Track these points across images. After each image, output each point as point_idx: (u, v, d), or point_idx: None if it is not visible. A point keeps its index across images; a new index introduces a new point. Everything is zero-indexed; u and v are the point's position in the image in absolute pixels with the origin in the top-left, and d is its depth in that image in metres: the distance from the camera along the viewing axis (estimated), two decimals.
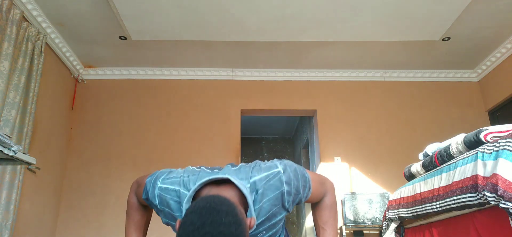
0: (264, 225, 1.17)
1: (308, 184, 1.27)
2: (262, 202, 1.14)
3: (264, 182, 1.15)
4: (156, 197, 1.22)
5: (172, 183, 1.21)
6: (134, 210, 1.40)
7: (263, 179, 1.15)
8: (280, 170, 1.18)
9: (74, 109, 4.40)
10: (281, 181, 1.16)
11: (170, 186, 1.20)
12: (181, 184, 1.19)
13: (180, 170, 1.27)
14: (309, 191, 1.28)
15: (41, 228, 3.69)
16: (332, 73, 4.63)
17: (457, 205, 1.74)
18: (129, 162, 4.24)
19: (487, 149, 1.58)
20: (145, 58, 4.35)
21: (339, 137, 4.41)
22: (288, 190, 1.17)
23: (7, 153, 1.77)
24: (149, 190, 1.25)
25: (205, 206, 0.90)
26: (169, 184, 1.21)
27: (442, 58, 4.37)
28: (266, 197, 1.14)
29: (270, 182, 1.15)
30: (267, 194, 1.14)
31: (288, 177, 1.18)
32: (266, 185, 1.15)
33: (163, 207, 1.22)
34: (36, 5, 3.40)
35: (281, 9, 3.44)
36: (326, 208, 1.36)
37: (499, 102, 4.23)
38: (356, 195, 3.94)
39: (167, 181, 1.22)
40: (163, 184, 1.22)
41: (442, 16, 3.56)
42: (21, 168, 3.15)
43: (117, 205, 4.05)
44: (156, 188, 1.22)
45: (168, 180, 1.22)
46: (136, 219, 1.40)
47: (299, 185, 1.22)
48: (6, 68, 2.96)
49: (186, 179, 1.20)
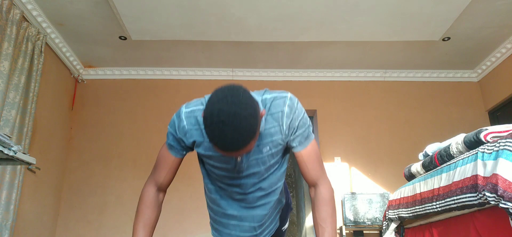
0: (268, 139, 1.30)
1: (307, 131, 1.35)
2: (267, 115, 1.29)
3: (271, 100, 1.30)
4: (185, 120, 1.32)
5: (195, 104, 1.34)
6: (145, 206, 1.41)
7: (272, 97, 1.30)
8: (287, 95, 1.32)
9: (74, 109, 4.39)
10: (285, 103, 1.29)
11: (194, 107, 1.33)
12: (203, 102, 1.32)
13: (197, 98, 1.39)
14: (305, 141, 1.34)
15: (41, 228, 3.69)
16: (332, 73, 4.63)
17: (457, 205, 1.74)
18: (129, 162, 4.24)
19: (487, 149, 1.58)
20: (145, 58, 4.35)
21: (339, 137, 4.41)
22: (287, 112, 1.28)
23: (7, 153, 1.77)
24: (176, 121, 1.34)
25: (226, 86, 1.11)
26: (193, 106, 1.33)
27: (442, 58, 4.37)
28: (270, 112, 1.29)
29: (276, 101, 1.30)
30: (271, 110, 1.29)
31: (292, 103, 1.30)
32: (273, 102, 1.29)
33: (190, 126, 1.31)
34: (36, 5, 3.40)
35: (281, 9, 3.44)
36: (324, 202, 1.36)
37: (499, 102, 4.23)
38: (356, 195, 3.94)
39: (191, 104, 1.35)
40: (187, 109, 1.34)
41: (442, 16, 3.56)
42: (21, 168, 3.15)
43: (117, 205, 4.05)
44: (182, 114, 1.33)
45: (191, 104, 1.35)
46: (146, 216, 1.40)
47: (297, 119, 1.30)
48: (6, 68, 2.96)
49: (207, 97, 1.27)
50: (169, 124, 1.37)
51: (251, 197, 1.40)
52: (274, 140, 1.31)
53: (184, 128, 1.32)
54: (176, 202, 4.03)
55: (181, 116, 1.33)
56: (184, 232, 4.02)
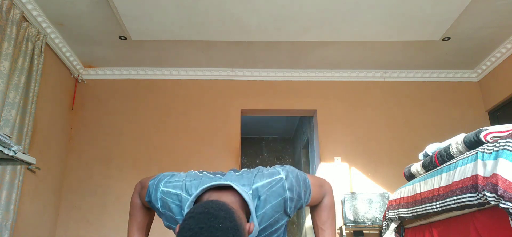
0: (267, 231, 1.19)
1: (309, 189, 1.29)
2: (264, 208, 1.15)
3: (266, 189, 1.16)
4: (159, 200, 1.23)
5: (174, 187, 1.22)
6: (137, 210, 1.41)
7: (265, 185, 1.16)
8: (282, 176, 1.19)
9: (74, 109, 4.40)
10: (284, 187, 1.17)
11: (172, 189, 1.21)
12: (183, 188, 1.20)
13: (182, 174, 1.27)
14: (310, 195, 1.30)
15: (41, 228, 3.69)
16: (332, 73, 4.63)
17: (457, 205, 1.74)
18: (129, 162, 4.24)
19: (487, 149, 1.58)
20: (145, 58, 4.35)
21: (339, 137, 4.41)
22: (290, 197, 1.18)
23: (7, 153, 1.77)
24: (152, 192, 1.26)
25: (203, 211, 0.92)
26: (171, 188, 1.22)
27: (442, 58, 4.37)
28: (269, 204, 1.15)
29: (273, 189, 1.16)
30: (270, 201, 1.15)
31: (291, 183, 1.19)
32: (269, 191, 1.16)
33: (165, 210, 1.23)
34: (36, 5, 3.40)
35: (281, 9, 3.44)
36: (325, 208, 1.37)
37: (499, 102, 4.23)
38: (356, 195, 3.94)
39: (169, 184, 1.23)
40: (165, 188, 1.23)
41: (442, 16, 3.56)
42: (21, 168, 3.15)
43: (117, 205, 4.05)
44: (158, 191, 1.23)
45: (170, 183, 1.23)
46: (139, 219, 1.40)
47: (301, 191, 1.23)
48: (6, 68, 2.96)
49: (188, 183, 1.20)
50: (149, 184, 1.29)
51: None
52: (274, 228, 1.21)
53: (158, 209, 1.25)
54: None
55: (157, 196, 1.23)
56: None
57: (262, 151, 7.71)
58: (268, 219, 1.16)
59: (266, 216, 1.15)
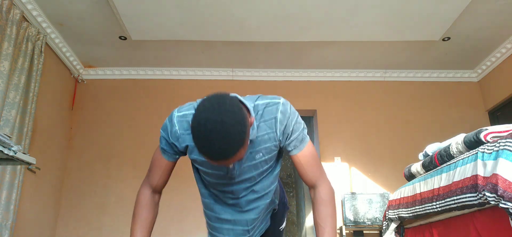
0: (261, 145, 1.30)
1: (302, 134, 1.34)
2: (259, 121, 1.28)
3: (264, 106, 1.29)
4: (177, 124, 1.31)
5: (187, 108, 1.32)
6: (141, 208, 1.41)
7: (264, 104, 1.30)
8: (280, 101, 1.30)
9: (74, 109, 4.39)
10: (278, 109, 1.28)
11: (187, 111, 1.32)
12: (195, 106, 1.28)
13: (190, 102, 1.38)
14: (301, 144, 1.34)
15: (41, 228, 3.69)
16: (332, 73, 4.63)
17: (457, 205, 1.74)
18: (129, 162, 4.24)
19: (487, 149, 1.58)
20: (145, 58, 4.35)
21: (339, 137, 4.40)
22: (281, 118, 1.28)
23: (7, 153, 1.77)
24: (168, 126, 1.33)
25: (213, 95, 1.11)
26: (185, 110, 1.32)
27: (442, 58, 4.37)
28: (263, 119, 1.28)
29: (269, 107, 1.29)
30: (264, 116, 1.28)
31: (285, 109, 1.29)
32: (265, 109, 1.29)
33: (183, 132, 1.31)
34: (36, 5, 3.40)
35: (281, 9, 3.44)
36: (323, 203, 1.37)
37: (499, 102, 4.23)
38: (356, 195, 3.94)
39: (183, 108, 1.33)
40: (179, 113, 1.32)
41: (442, 16, 3.56)
42: (21, 168, 3.15)
43: (117, 205, 4.05)
44: (174, 118, 1.32)
45: (183, 108, 1.34)
46: (142, 217, 1.40)
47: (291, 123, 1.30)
48: (6, 68, 2.96)
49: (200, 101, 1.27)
50: (162, 127, 1.36)
51: (244, 200, 1.41)
52: (268, 146, 1.31)
53: (177, 132, 1.31)
54: (176, 202, 4.03)
55: (173, 121, 1.32)
56: (184, 232, 4.02)
57: None
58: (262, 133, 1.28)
59: (260, 128, 1.28)
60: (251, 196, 1.40)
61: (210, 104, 1.07)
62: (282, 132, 1.29)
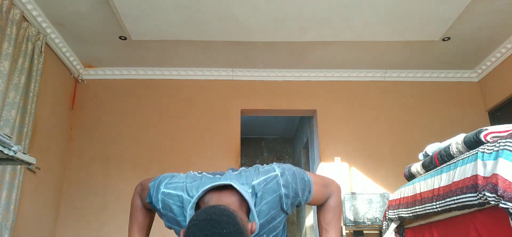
0: (265, 228, 1.20)
1: (308, 187, 1.29)
2: (261, 204, 1.17)
3: (262, 185, 1.18)
4: (160, 202, 1.24)
5: (175, 188, 1.23)
6: (138, 211, 1.41)
7: (261, 182, 1.19)
8: (277, 173, 1.21)
9: (74, 109, 4.40)
10: (279, 184, 1.19)
11: (173, 191, 1.23)
12: (183, 189, 1.21)
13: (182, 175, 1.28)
14: (310, 194, 1.30)
15: (41, 228, 3.69)
16: (332, 73, 4.63)
17: (457, 205, 1.74)
18: (129, 162, 4.24)
19: (487, 149, 1.58)
20: (145, 58, 4.35)
21: (339, 137, 4.41)
22: (286, 193, 1.19)
23: (7, 153, 1.77)
24: (153, 194, 1.27)
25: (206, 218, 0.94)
26: (172, 189, 1.23)
27: (442, 58, 4.37)
28: (264, 200, 1.17)
29: (268, 185, 1.18)
30: (266, 197, 1.17)
31: (286, 180, 1.21)
32: (265, 188, 1.18)
33: (166, 212, 1.24)
34: (36, 5, 3.40)
35: (281, 9, 3.44)
36: (330, 209, 1.36)
37: (499, 102, 4.23)
38: (356, 195, 3.94)
39: (170, 186, 1.24)
40: (166, 189, 1.24)
41: (442, 16, 3.56)
42: (21, 168, 3.15)
43: (117, 205, 4.05)
44: (159, 192, 1.24)
45: (170, 185, 1.24)
46: (139, 220, 1.40)
47: (298, 188, 1.24)
48: (6, 68, 2.96)
49: (189, 184, 1.22)
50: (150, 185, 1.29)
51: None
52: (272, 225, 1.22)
53: (159, 210, 1.26)
54: None
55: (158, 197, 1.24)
56: None
57: (262, 151, 7.71)
58: (265, 215, 1.18)
59: (262, 212, 1.17)
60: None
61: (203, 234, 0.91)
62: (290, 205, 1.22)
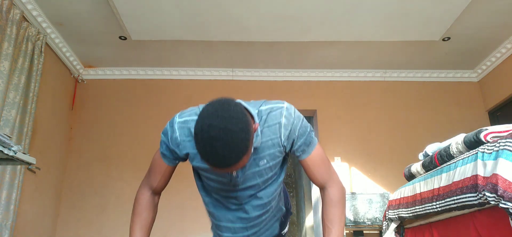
0: (265, 152, 1.27)
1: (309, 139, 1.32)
2: (263, 126, 1.26)
3: (268, 111, 1.27)
4: (177, 131, 1.28)
5: (189, 114, 1.30)
6: (141, 208, 1.40)
7: (268, 109, 1.28)
8: (283, 105, 1.29)
9: (74, 109, 4.39)
10: (282, 114, 1.26)
11: (188, 117, 1.29)
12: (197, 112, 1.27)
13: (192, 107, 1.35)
14: (308, 148, 1.32)
15: (41, 228, 3.69)
16: (332, 73, 4.63)
17: (457, 205, 1.74)
18: (129, 162, 4.23)
19: (487, 149, 1.58)
20: (145, 58, 4.35)
21: (339, 137, 4.40)
22: (285, 123, 1.26)
23: (7, 153, 1.77)
24: (169, 131, 1.31)
25: (216, 100, 1.10)
26: (187, 116, 1.29)
27: (442, 58, 4.37)
28: (267, 124, 1.26)
29: (273, 113, 1.27)
30: (268, 122, 1.26)
31: (289, 113, 1.27)
32: (269, 114, 1.26)
33: (184, 138, 1.28)
34: (36, 5, 3.40)
35: (281, 9, 3.44)
36: (332, 203, 1.35)
37: (499, 102, 4.23)
38: (356, 195, 3.94)
39: (184, 114, 1.31)
40: (181, 118, 1.30)
41: (442, 16, 3.56)
42: (21, 168, 3.15)
43: (117, 205, 4.05)
44: (175, 124, 1.29)
45: (185, 113, 1.31)
46: (142, 218, 1.40)
47: (297, 128, 1.28)
48: (6, 68, 2.96)
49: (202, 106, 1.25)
50: (163, 131, 1.34)
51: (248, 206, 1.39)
52: (272, 152, 1.28)
53: (177, 139, 1.29)
54: (176, 202, 4.03)
55: (174, 127, 1.29)
56: (184, 232, 4.02)
57: None
58: (266, 138, 1.26)
59: (264, 134, 1.25)
60: (255, 202, 1.38)
61: (213, 110, 1.05)
62: (286, 137, 1.27)
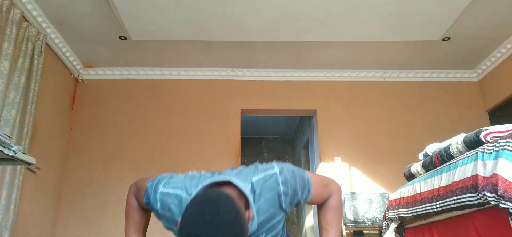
0: (264, 227, 1.20)
1: (308, 186, 1.29)
2: (259, 202, 1.17)
3: (261, 183, 1.19)
4: (158, 202, 1.23)
5: (173, 187, 1.22)
6: (134, 211, 1.40)
7: (260, 180, 1.19)
8: (276, 171, 1.22)
9: (74, 109, 4.39)
10: (277, 182, 1.19)
11: (171, 190, 1.22)
12: (183, 188, 1.21)
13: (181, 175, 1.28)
14: (309, 193, 1.30)
15: (41, 228, 3.69)
16: (332, 73, 4.63)
17: (457, 205, 1.74)
18: (129, 162, 4.24)
19: (487, 149, 1.58)
20: (145, 58, 4.35)
21: (339, 137, 4.40)
22: (284, 191, 1.20)
23: (7, 153, 1.77)
24: (151, 194, 1.26)
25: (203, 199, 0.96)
26: (171, 189, 1.22)
27: (442, 58, 4.37)
28: (263, 197, 1.17)
29: (267, 183, 1.19)
30: (264, 195, 1.18)
31: (284, 178, 1.21)
32: (263, 185, 1.18)
33: (164, 212, 1.23)
34: (36, 5, 3.40)
35: (281, 9, 3.44)
36: (330, 209, 1.36)
37: (499, 102, 4.23)
38: (356, 195, 3.94)
39: (169, 185, 1.23)
40: (165, 189, 1.23)
41: (442, 16, 3.56)
42: (21, 168, 3.15)
43: (117, 205, 4.05)
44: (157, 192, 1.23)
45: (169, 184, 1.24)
46: (136, 220, 1.39)
47: (297, 187, 1.24)
48: (6, 68, 2.96)
49: (188, 183, 1.21)
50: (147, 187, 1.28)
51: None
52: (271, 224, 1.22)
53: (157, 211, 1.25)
54: None
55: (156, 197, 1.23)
56: None
57: (262, 151, 7.71)
58: (264, 213, 1.18)
59: (261, 210, 1.17)
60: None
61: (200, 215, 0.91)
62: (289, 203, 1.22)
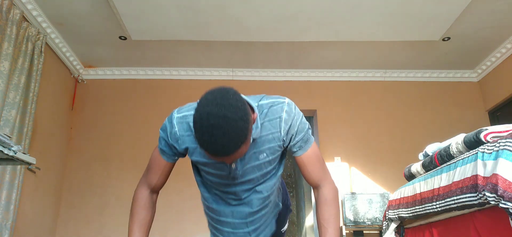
0: (265, 145, 1.28)
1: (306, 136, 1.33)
2: (264, 120, 1.26)
3: (269, 106, 1.28)
4: (176, 125, 1.29)
5: (188, 109, 1.31)
6: (139, 207, 1.40)
7: (269, 103, 1.28)
8: (285, 101, 1.30)
9: (74, 109, 4.39)
10: (282, 109, 1.27)
11: (187, 112, 1.30)
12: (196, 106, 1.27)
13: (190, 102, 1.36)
14: (305, 145, 1.33)
15: (41, 228, 3.69)
16: (332, 73, 4.63)
17: (457, 205, 1.74)
18: (129, 162, 4.24)
19: (487, 149, 1.58)
20: (145, 58, 4.35)
21: (339, 137, 4.40)
22: (286, 118, 1.27)
23: (7, 153, 1.77)
24: (168, 127, 1.32)
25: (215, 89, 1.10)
26: (185, 111, 1.31)
27: (442, 58, 4.37)
28: (268, 118, 1.27)
29: (274, 107, 1.28)
30: (269, 116, 1.27)
31: (290, 108, 1.29)
32: (270, 108, 1.28)
33: (183, 133, 1.29)
34: (36, 5, 3.40)
35: (281, 9, 3.44)
36: (326, 203, 1.36)
37: (499, 102, 4.23)
38: (356, 195, 3.94)
39: (183, 109, 1.32)
40: (179, 114, 1.31)
41: (442, 16, 3.56)
42: (21, 168, 3.15)
43: (117, 205, 4.05)
44: (173, 119, 1.30)
45: (183, 109, 1.32)
46: (141, 217, 1.39)
47: (297, 123, 1.29)
48: (6, 68, 2.96)
49: None
50: (161, 127, 1.34)
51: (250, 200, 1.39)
52: (272, 146, 1.29)
53: (176, 134, 1.29)
54: (176, 202, 4.03)
55: (173, 122, 1.30)
56: (183, 232, 4.02)
57: None
58: (266, 132, 1.27)
59: (264, 128, 1.26)
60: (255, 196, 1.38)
61: (212, 98, 1.05)
62: (286, 132, 1.28)
